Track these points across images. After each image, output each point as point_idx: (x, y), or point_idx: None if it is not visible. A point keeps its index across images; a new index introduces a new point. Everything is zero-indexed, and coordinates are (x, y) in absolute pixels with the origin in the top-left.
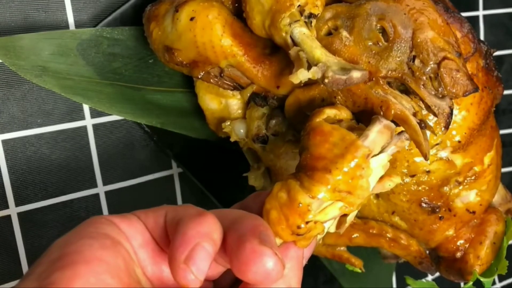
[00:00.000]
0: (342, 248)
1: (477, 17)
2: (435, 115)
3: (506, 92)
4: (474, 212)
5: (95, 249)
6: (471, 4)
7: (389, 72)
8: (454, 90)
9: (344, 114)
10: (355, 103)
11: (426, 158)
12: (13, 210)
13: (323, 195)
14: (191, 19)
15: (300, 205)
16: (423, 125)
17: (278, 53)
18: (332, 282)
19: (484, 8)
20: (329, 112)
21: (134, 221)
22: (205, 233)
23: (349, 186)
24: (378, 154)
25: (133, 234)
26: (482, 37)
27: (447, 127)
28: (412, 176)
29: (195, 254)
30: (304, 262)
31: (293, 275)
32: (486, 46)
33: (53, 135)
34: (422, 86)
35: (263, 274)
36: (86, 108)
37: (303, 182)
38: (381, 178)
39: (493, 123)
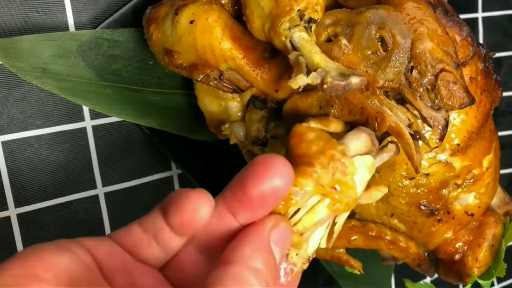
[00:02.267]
0: (341, 250)
1: (476, 19)
2: (430, 126)
3: (505, 94)
4: (472, 215)
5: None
6: (470, 6)
7: (387, 82)
8: (450, 103)
9: (333, 127)
10: (351, 112)
11: (417, 171)
12: (12, 211)
13: (308, 187)
14: (191, 22)
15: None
16: (417, 136)
17: (278, 57)
18: (331, 284)
19: (483, 10)
20: (314, 123)
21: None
22: None
23: (333, 180)
24: (362, 154)
25: (96, 245)
26: (481, 39)
27: (442, 139)
28: (411, 178)
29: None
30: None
31: (257, 258)
32: (485, 49)
33: (53, 136)
34: (419, 98)
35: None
36: (85, 109)
37: None
38: (369, 187)
39: (492, 126)
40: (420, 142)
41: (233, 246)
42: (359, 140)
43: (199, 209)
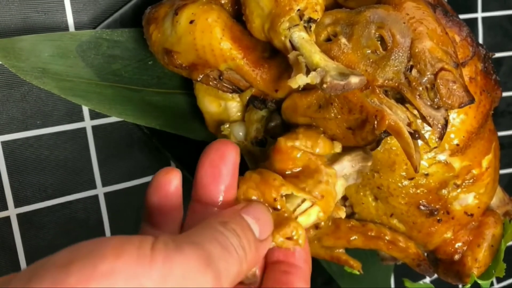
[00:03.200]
0: (340, 250)
1: (475, 19)
2: (430, 125)
3: (504, 94)
4: (472, 215)
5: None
6: (470, 6)
7: (386, 81)
8: (449, 102)
9: (320, 147)
10: (351, 110)
11: (416, 170)
12: (12, 212)
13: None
14: (191, 22)
15: (275, 180)
16: (417, 135)
17: (277, 57)
18: (331, 284)
19: (483, 10)
20: (299, 142)
21: None
22: None
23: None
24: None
25: None
26: (480, 39)
27: (441, 138)
28: (411, 179)
29: None
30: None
31: (233, 221)
32: (485, 49)
33: (53, 136)
34: (418, 96)
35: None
36: (85, 109)
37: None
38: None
39: (491, 126)
40: (420, 142)
41: (209, 216)
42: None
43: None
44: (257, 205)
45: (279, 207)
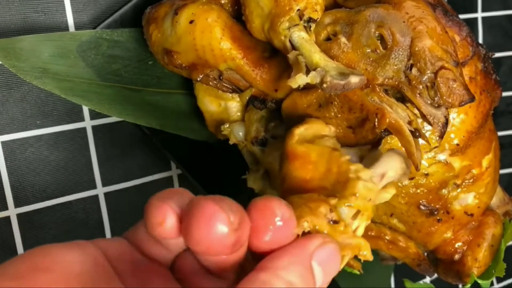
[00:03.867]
0: None
1: (475, 19)
2: (430, 124)
3: (504, 94)
4: (472, 215)
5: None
6: (470, 6)
7: (386, 80)
8: (450, 100)
9: (324, 130)
10: (351, 109)
11: (417, 168)
12: (12, 212)
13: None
14: (191, 22)
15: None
16: (417, 134)
17: (277, 57)
18: (331, 283)
19: (483, 10)
20: (298, 131)
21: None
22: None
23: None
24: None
25: (107, 243)
26: (480, 39)
27: (442, 136)
28: (411, 178)
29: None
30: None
31: (293, 271)
32: (485, 49)
33: (53, 136)
34: (418, 95)
35: (208, 239)
36: (85, 109)
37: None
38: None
39: (491, 126)
40: (420, 141)
41: (272, 256)
42: (394, 161)
43: (164, 223)
44: (331, 246)
45: (335, 219)
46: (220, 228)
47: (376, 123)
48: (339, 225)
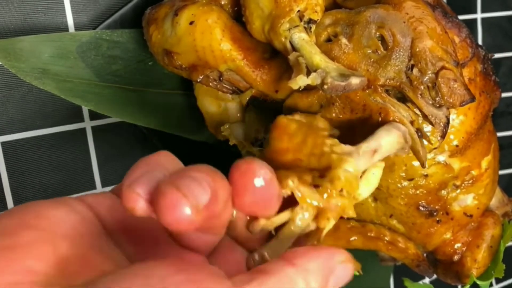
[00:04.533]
0: None
1: (475, 20)
2: (432, 124)
3: (504, 95)
4: (471, 216)
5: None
6: (469, 7)
7: (387, 80)
8: (451, 100)
9: (320, 124)
10: (353, 110)
11: (423, 165)
12: None
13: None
14: (191, 23)
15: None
16: (419, 134)
17: (278, 58)
18: None
19: (482, 11)
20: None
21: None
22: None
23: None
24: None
25: (97, 200)
26: (480, 40)
27: (443, 136)
28: (410, 180)
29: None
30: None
31: (317, 277)
32: (484, 50)
33: (53, 137)
34: (420, 95)
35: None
36: (85, 110)
37: None
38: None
39: (490, 127)
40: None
41: (303, 251)
42: (390, 136)
43: (135, 209)
44: (350, 266)
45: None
46: (184, 214)
47: (379, 122)
48: (323, 189)
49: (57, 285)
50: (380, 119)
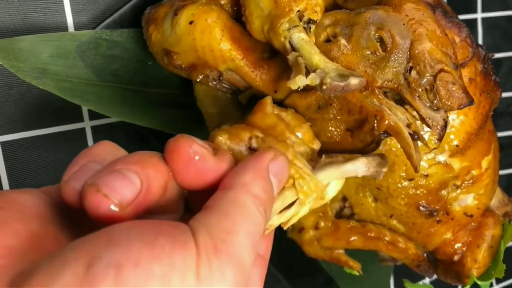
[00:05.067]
0: (340, 251)
1: (475, 20)
2: (429, 127)
3: (504, 95)
4: (471, 216)
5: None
6: (470, 7)
7: (385, 82)
8: (449, 103)
9: (303, 134)
10: (350, 111)
11: (416, 170)
12: None
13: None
14: (190, 22)
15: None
16: (416, 136)
17: (277, 58)
18: (330, 284)
19: (483, 11)
20: (285, 115)
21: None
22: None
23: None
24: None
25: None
26: (480, 40)
27: (440, 139)
28: (410, 180)
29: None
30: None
31: (256, 184)
32: (484, 50)
33: (52, 137)
34: (418, 98)
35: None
36: (84, 110)
37: None
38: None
39: (491, 127)
40: (419, 143)
41: (232, 174)
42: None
43: (71, 202)
44: (281, 159)
45: (255, 145)
46: (109, 211)
47: (375, 125)
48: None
49: (30, 258)
50: (375, 122)
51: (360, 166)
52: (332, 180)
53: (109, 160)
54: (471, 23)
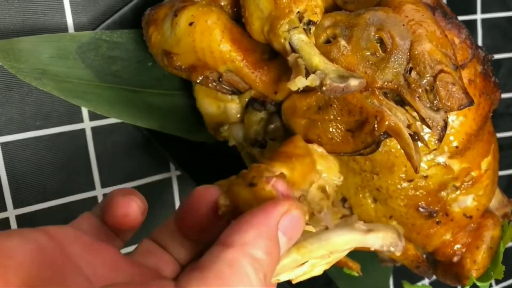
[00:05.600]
0: None
1: (475, 21)
2: (429, 127)
3: (503, 95)
4: (471, 217)
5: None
6: (469, 8)
7: (385, 83)
8: (449, 104)
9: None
10: (351, 112)
11: (416, 171)
12: (11, 213)
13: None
14: (190, 24)
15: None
16: (416, 137)
17: (277, 59)
18: (330, 285)
19: (482, 12)
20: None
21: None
22: None
23: None
24: None
25: (61, 231)
26: (480, 41)
27: (440, 140)
28: (410, 181)
29: None
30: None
31: (259, 245)
32: (484, 51)
33: (52, 137)
34: (418, 98)
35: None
36: (84, 111)
37: None
38: None
39: (490, 129)
40: (419, 144)
41: (235, 227)
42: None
43: (130, 214)
44: (296, 213)
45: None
46: None
47: (375, 126)
48: None
49: None
50: (376, 122)
51: (376, 241)
52: (347, 248)
53: None
54: (471, 24)
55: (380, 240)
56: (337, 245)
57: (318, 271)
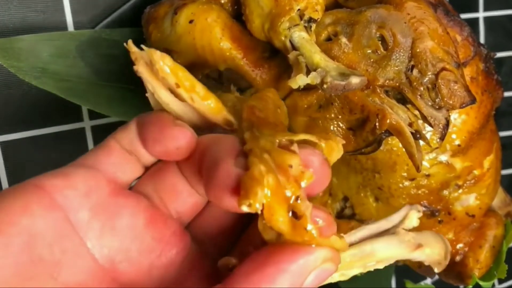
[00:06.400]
0: None
1: (477, 18)
2: (431, 126)
3: (506, 94)
4: (473, 216)
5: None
6: (471, 5)
7: (387, 81)
8: (451, 102)
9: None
10: (352, 110)
11: (418, 170)
12: None
13: None
14: (190, 21)
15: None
16: (418, 135)
17: (277, 57)
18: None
19: (485, 10)
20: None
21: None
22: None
23: None
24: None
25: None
26: (482, 39)
27: (442, 138)
28: (412, 179)
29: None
30: None
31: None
32: (486, 49)
33: (52, 136)
34: (419, 97)
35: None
36: (84, 109)
37: None
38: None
39: (492, 127)
40: (421, 142)
41: (253, 269)
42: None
43: (183, 146)
44: (332, 268)
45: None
46: None
47: (377, 124)
48: None
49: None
50: (377, 121)
51: (423, 255)
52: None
53: None
54: (473, 22)
55: (425, 256)
56: (382, 260)
57: (344, 277)
